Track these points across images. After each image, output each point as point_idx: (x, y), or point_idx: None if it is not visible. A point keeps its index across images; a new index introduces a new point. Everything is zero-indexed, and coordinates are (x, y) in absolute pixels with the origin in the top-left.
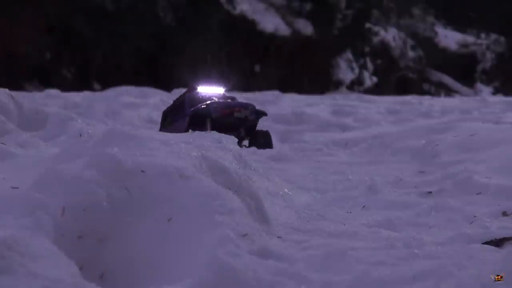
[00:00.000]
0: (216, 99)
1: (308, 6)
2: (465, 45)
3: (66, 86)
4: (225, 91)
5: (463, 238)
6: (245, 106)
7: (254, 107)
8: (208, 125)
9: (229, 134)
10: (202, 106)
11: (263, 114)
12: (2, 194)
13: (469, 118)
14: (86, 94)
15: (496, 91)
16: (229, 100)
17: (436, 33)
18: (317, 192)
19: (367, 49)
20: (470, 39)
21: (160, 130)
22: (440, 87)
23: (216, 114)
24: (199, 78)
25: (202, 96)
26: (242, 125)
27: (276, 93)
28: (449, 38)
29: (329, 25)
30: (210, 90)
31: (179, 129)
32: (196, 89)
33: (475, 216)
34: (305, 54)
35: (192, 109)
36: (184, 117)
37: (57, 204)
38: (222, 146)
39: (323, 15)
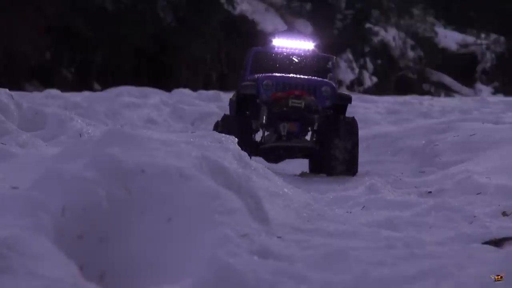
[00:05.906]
0: (294, 59)
1: (308, 6)
2: (465, 45)
3: (66, 86)
4: (315, 46)
5: (463, 238)
6: (314, 87)
7: (330, 88)
8: (263, 115)
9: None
10: (251, 81)
11: (347, 100)
12: (2, 194)
13: (469, 118)
14: (86, 94)
15: (496, 91)
16: (292, 75)
17: (436, 33)
18: (317, 192)
19: (367, 49)
20: (470, 39)
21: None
22: (440, 87)
23: (267, 97)
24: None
25: (275, 54)
26: (299, 119)
27: None
28: (449, 38)
29: (329, 25)
30: (292, 45)
31: (231, 110)
32: (270, 41)
33: (475, 216)
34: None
35: (242, 83)
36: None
37: (57, 204)
38: (222, 146)
39: (323, 15)
